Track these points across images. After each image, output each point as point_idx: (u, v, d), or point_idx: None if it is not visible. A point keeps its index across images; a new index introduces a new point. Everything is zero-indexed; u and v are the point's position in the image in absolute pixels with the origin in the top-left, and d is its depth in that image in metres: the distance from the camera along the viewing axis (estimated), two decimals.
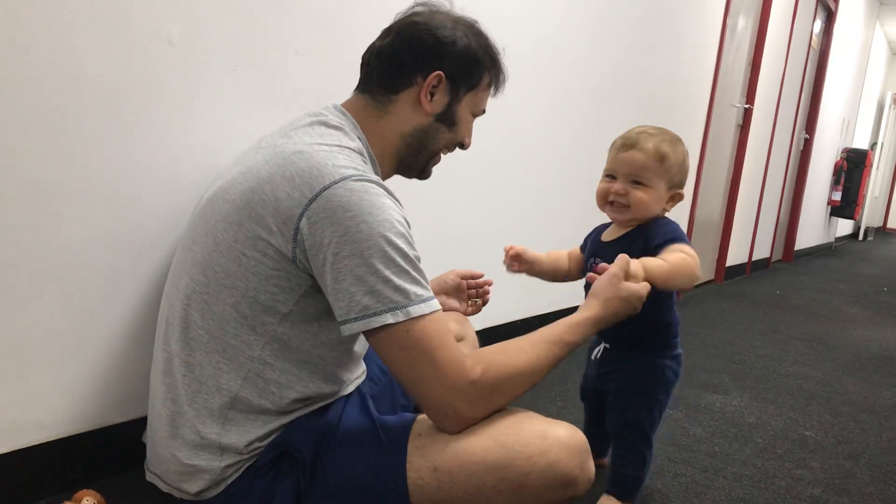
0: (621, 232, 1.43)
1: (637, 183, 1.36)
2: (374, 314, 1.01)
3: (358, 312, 1.02)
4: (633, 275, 1.24)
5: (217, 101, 1.44)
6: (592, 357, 1.53)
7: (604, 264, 1.26)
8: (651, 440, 1.43)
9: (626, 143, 1.38)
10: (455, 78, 1.22)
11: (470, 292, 1.59)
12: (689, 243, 1.35)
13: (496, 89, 1.31)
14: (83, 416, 1.34)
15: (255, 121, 1.50)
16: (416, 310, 1.02)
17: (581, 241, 1.61)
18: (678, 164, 1.38)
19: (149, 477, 1.19)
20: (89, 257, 1.29)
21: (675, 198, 1.41)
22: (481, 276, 1.59)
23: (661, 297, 1.36)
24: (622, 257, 1.25)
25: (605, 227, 1.52)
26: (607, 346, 1.50)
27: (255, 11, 1.48)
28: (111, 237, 1.32)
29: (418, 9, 1.25)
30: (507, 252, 1.53)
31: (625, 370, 1.44)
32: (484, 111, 1.32)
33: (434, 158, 1.30)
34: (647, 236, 1.37)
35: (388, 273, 1.01)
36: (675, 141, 1.39)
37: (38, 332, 1.25)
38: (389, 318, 1.01)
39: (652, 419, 1.42)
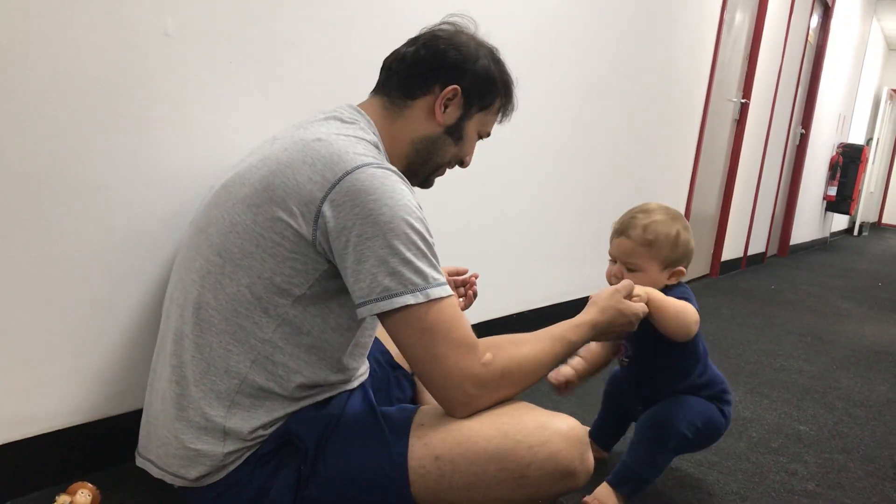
0: None
1: (630, 269, 1.43)
2: (396, 295, 1.03)
3: (379, 293, 1.03)
4: (636, 295, 1.31)
5: (214, 94, 1.43)
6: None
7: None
8: (669, 449, 1.44)
9: (619, 229, 1.45)
10: (470, 95, 1.26)
11: (459, 289, 1.60)
12: (697, 308, 1.40)
13: (504, 116, 1.35)
14: (78, 409, 1.34)
15: (252, 113, 1.50)
16: (434, 292, 1.05)
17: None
18: (670, 245, 1.41)
19: (139, 462, 1.19)
20: (88, 250, 1.29)
21: (677, 274, 1.45)
22: (466, 272, 1.61)
23: (687, 357, 1.45)
24: (627, 280, 1.32)
25: None
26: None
27: (251, 3, 1.47)
28: (109, 230, 1.31)
29: (444, 26, 1.29)
30: (559, 388, 1.47)
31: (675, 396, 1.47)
32: (489, 134, 1.35)
33: (438, 170, 1.33)
34: None
35: (409, 255, 1.04)
36: (671, 221, 1.43)
37: (33, 326, 1.25)
38: (410, 300, 1.03)
39: (682, 432, 1.42)
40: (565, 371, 1.48)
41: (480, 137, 1.34)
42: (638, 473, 1.42)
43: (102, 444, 1.38)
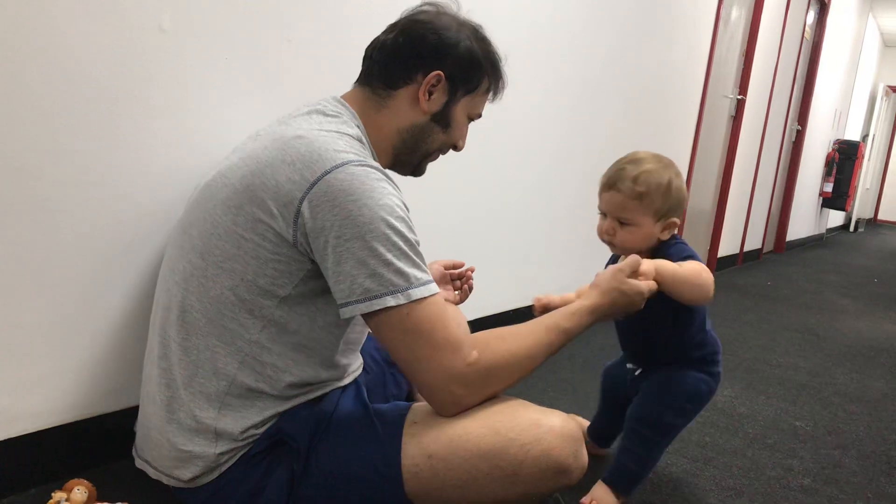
0: None
1: (623, 223, 1.36)
2: (376, 297, 1.02)
3: (359, 295, 1.02)
4: (642, 273, 1.25)
5: (209, 90, 1.43)
6: (628, 375, 1.54)
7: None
8: (663, 442, 1.43)
9: (608, 182, 1.36)
10: (454, 79, 1.22)
11: (455, 283, 1.60)
12: (703, 264, 1.35)
13: (494, 95, 1.31)
14: (74, 406, 1.34)
15: (247, 109, 1.50)
16: (416, 293, 1.03)
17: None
18: (662, 194, 1.34)
19: (138, 463, 1.19)
20: (82, 246, 1.29)
21: (670, 226, 1.38)
22: (462, 265, 1.60)
23: (688, 317, 1.39)
24: (633, 256, 1.27)
25: (618, 256, 1.49)
26: (637, 370, 1.51)
27: None
28: (104, 227, 1.31)
29: (425, 8, 1.25)
30: (536, 304, 1.38)
31: (658, 375, 1.45)
32: (480, 115, 1.32)
33: (428, 157, 1.30)
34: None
35: (389, 256, 1.02)
36: (663, 169, 1.35)
37: (29, 322, 1.24)
38: (391, 301, 1.02)
39: (670, 422, 1.41)
40: (552, 298, 1.36)
41: (471, 120, 1.31)
42: (633, 470, 1.41)
43: (98, 441, 1.37)
